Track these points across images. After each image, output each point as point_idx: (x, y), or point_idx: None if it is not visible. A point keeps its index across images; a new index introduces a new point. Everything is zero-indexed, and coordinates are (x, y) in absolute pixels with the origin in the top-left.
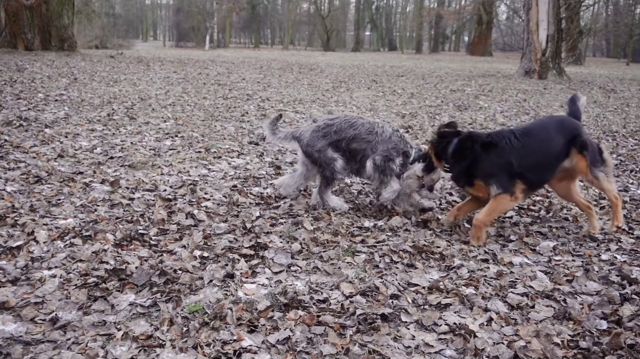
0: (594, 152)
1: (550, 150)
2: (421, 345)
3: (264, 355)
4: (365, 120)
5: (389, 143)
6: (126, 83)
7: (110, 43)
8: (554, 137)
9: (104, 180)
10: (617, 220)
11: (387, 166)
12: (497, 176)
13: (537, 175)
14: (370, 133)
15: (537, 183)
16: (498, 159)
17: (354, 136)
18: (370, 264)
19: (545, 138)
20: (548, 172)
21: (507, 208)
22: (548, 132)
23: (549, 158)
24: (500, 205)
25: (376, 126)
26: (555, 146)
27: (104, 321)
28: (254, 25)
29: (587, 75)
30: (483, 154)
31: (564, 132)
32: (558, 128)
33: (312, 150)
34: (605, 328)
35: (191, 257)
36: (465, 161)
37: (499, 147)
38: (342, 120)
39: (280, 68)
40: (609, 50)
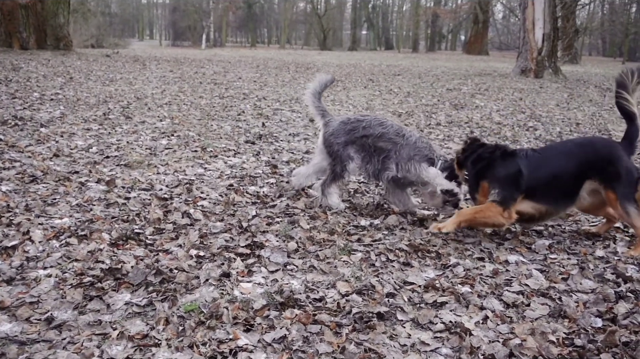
0: (628, 183)
1: (566, 170)
2: (417, 343)
3: (260, 354)
4: (395, 123)
5: (414, 149)
6: (122, 83)
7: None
8: (571, 163)
9: (100, 180)
10: (637, 250)
11: (411, 169)
12: (503, 184)
13: (547, 196)
14: (397, 134)
15: (545, 205)
16: (510, 168)
17: (381, 134)
18: (366, 263)
19: (561, 162)
20: (560, 198)
21: (493, 219)
22: (566, 156)
23: (566, 178)
24: (488, 212)
25: (404, 129)
26: (570, 172)
27: (100, 320)
28: (251, 24)
29: (583, 74)
30: (498, 160)
31: (585, 158)
32: (580, 152)
33: (333, 141)
34: (600, 325)
35: (187, 256)
36: (480, 165)
37: (517, 157)
38: (373, 117)
39: (276, 67)
40: (604, 49)
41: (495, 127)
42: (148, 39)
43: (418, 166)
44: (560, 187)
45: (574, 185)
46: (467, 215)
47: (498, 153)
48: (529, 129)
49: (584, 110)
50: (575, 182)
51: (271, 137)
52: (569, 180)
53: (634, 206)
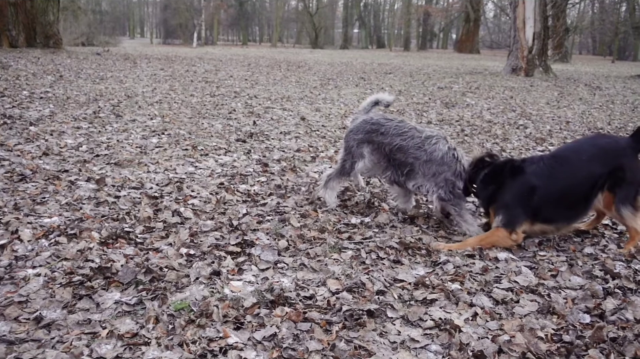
0: (630, 187)
1: (578, 183)
2: (407, 340)
3: (250, 352)
4: (419, 132)
5: (442, 167)
6: (112, 81)
7: (97, 40)
8: (588, 168)
9: (90, 178)
10: (626, 247)
11: (453, 196)
12: (508, 207)
13: (556, 211)
14: (419, 148)
15: (556, 220)
16: (518, 189)
17: (399, 146)
18: (356, 260)
19: (575, 169)
20: (573, 209)
21: (502, 244)
22: (580, 161)
23: (576, 192)
24: (495, 238)
25: (427, 142)
26: (587, 177)
27: (89, 319)
28: (242, 23)
29: (573, 73)
30: (505, 181)
31: (603, 161)
32: (595, 154)
33: (351, 137)
34: (588, 321)
35: (177, 255)
36: (488, 187)
37: (525, 175)
38: (394, 125)
39: (268, 65)
40: (594, 48)
41: (486, 125)
42: (139, 37)
43: (447, 196)
44: (573, 203)
45: (587, 197)
46: (472, 243)
47: (505, 172)
48: (519, 127)
49: (574, 109)
50: (589, 197)
51: (262, 135)
52: (582, 195)
53: (629, 209)
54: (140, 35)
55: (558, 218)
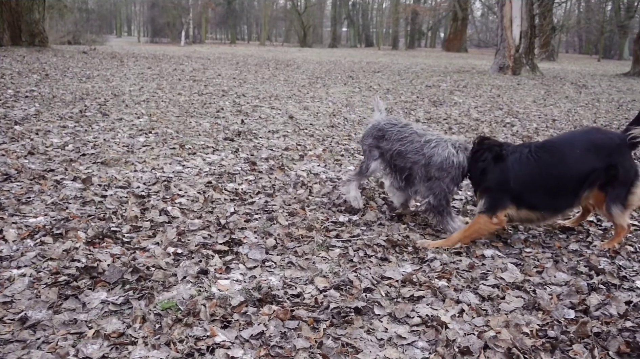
0: (621, 186)
1: (567, 174)
2: (394, 337)
3: (237, 350)
4: (419, 137)
5: (441, 173)
6: (99, 80)
7: (83, 38)
8: (579, 161)
9: (76, 177)
10: (611, 243)
11: (442, 204)
12: (490, 192)
13: (541, 199)
14: (417, 152)
15: (541, 208)
16: (499, 174)
17: (399, 152)
18: (344, 258)
19: (565, 159)
20: (559, 198)
21: (485, 230)
22: (572, 153)
23: (564, 183)
24: (477, 226)
25: (426, 146)
26: (578, 169)
27: (75, 319)
28: (230, 21)
29: (559, 71)
30: (489, 165)
31: (596, 157)
32: (589, 149)
33: (364, 142)
34: (572, 317)
35: (164, 254)
36: (477, 171)
37: (507, 160)
38: (396, 130)
39: (256, 64)
40: (581, 47)
41: (473, 123)
42: (126, 36)
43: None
44: (560, 193)
45: (575, 190)
46: (457, 238)
47: (490, 156)
48: (506, 125)
49: (560, 107)
50: (577, 190)
51: (250, 133)
52: (570, 187)
53: (619, 208)
54: (128, 34)
55: (543, 206)
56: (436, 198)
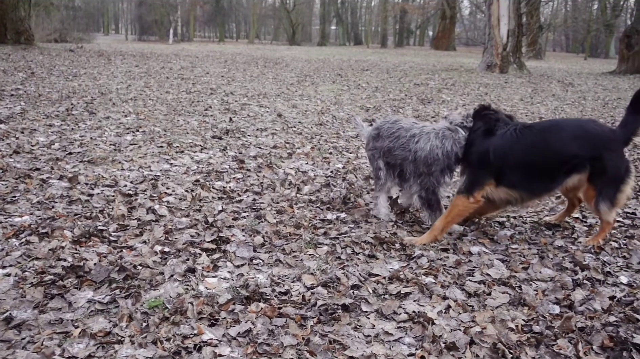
0: (611, 183)
1: (547, 155)
2: (381, 334)
3: (224, 348)
4: (405, 131)
5: (428, 167)
6: (86, 78)
7: (70, 36)
8: (563, 146)
9: (62, 176)
10: (596, 239)
11: (431, 199)
12: (470, 169)
13: (519, 177)
14: (404, 149)
15: (519, 188)
16: (482, 148)
17: (388, 149)
18: (332, 256)
19: (548, 140)
20: (537, 180)
21: (465, 211)
22: (559, 137)
23: (543, 164)
24: (456, 208)
25: (412, 141)
26: (558, 152)
27: (61, 319)
28: (219, 19)
29: (546, 70)
30: (479, 139)
31: (582, 145)
32: (577, 136)
33: (366, 149)
34: (557, 312)
35: (151, 252)
36: (468, 142)
37: (495, 135)
38: (387, 127)
39: (245, 62)
40: (568, 45)
41: None
42: (113, 34)
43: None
44: (540, 175)
45: (555, 175)
46: (441, 225)
47: (481, 129)
48: None
49: (547, 105)
50: (557, 173)
51: (238, 132)
52: (550, 170)
53: (607, 205)
54: (115, 32)
55: (521, 186)
56: (427, 193)
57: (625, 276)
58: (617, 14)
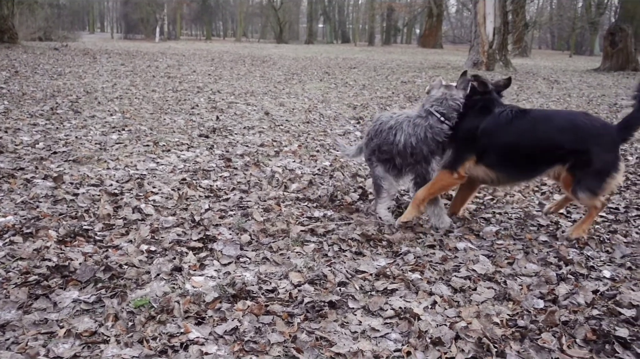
0: (595, 175)
1: (531, 144)
2: (367, 330)
3: (211, 346)
4: (384, 123)
5: (413, 157)
6: (71, 76)
7: (55, 35)
8: (549, 136)
9: (47, 176)
10: (579, 228)
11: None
12: (456, 144)
13: (499, 159)
14: (387, 142)
15: (497, 169)
16: (471, 124)
17: (378, 146)
18: (319, 253)
19: (535, 128)
20: (517, 166)
21: (448, 185)
22: (547, 125)
23: (525, 150)
24: (440, 182)
25: (391, 134)
26: (543, 143)
27: (46, 319)
28: (206, 17)
29: (532, 67)
30: (469, 114)
31: (569, 137)
32: (565, 129)
33: (365, 160)
34: (542, 306)
35: (138, 252)
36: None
37: (491, 112)
38: (373, 127)
39: (232, 60)
40: (553, 43)
41: None
42: (99, 32)
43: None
44: (520, 161)
45: (536, 163)
46: (422, 195)
47: (477, 107)
48: None
49: (532, 102)
50: (539, 162)
51: (225, 130)
52: (532, 158)
53: (588, 194)
54: (101, 30)
55: (499, 168)
56: (420, 179)
57: (608, 270)
58: (602, 12)
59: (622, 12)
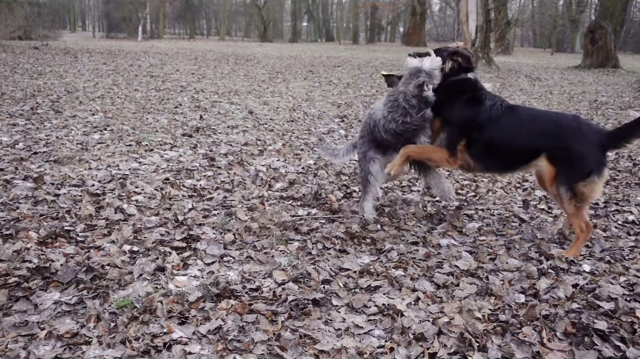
0: (576, 164)
1: (510, 144)
2: (351, 327)
3: (194, 346)
4: (368, 116)
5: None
6: (52, 76)
7: (35, 34)
8: (528, 136)
9: (27, 177)
10: (571, 251)
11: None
12: (454, 129)
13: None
14: (368, 126)
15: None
16: (468, 114)
17: (370, 132)
18: (303, 251)
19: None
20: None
21: (438, 163)
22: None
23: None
24: (434, 155)
25: (368, 116)
26: (521, 144)
27: (26, 321)
28: (189, 16)
29: (514, 65)
30: (465, 100)
31: (547, 138)
32: (547, 129)
33: (358, 154)
34: (523, 301)
35: (120, 252)
36: (445, 94)
37: (483, 104)
38: (368, 121)
39: (215, 59)
40: (535, 41)
41: None
42: (80, 31)
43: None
44: (498, 156)
45: (514, 161)
46: (412, 150)
47: (469, 93)
48: None
49: (515, 99)
50: (517, 160)
51: (209, 129)
52: (511, 156)
53: (568, 191)
54: (82, 29)
55: (481, 161)
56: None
57: (588, 264)
58: (582, 10)
59: (601, 9)
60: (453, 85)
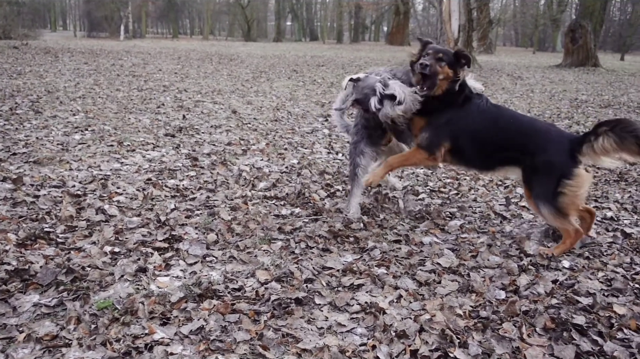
0: (544, 180)
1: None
2: (334, 325)
3: (176, 346)
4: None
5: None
6: (31, 76)
7: (15, 33)
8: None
9: (6, 178)
10: (556, 250)
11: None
12: (436, 128)
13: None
14: (365, 120)
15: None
16: (453, 114)
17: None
18: (286, 251)
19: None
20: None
21: (421, 164)
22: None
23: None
24: (414, 159)
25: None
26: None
27: (4, 324)
28: (172, 15)
29: (497, 64)
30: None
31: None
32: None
33: (350, 144)
34: (503, 297)
35: (101, 253)
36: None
37: (471, 104)
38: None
39: (199, 59)
40: (517, 40)
41: None
42: (61, 30)
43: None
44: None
45: (489, 159)
46: (394, 162)
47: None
48: None
49: (497, 98)
50: (492, 159)
51: (192, 129)
52: (484, 157)
53: (548, 206)
54: (63, 28)
55: (459, 158)
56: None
57: (567, 260)
58: (563, 9)
59: (581, 9)
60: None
